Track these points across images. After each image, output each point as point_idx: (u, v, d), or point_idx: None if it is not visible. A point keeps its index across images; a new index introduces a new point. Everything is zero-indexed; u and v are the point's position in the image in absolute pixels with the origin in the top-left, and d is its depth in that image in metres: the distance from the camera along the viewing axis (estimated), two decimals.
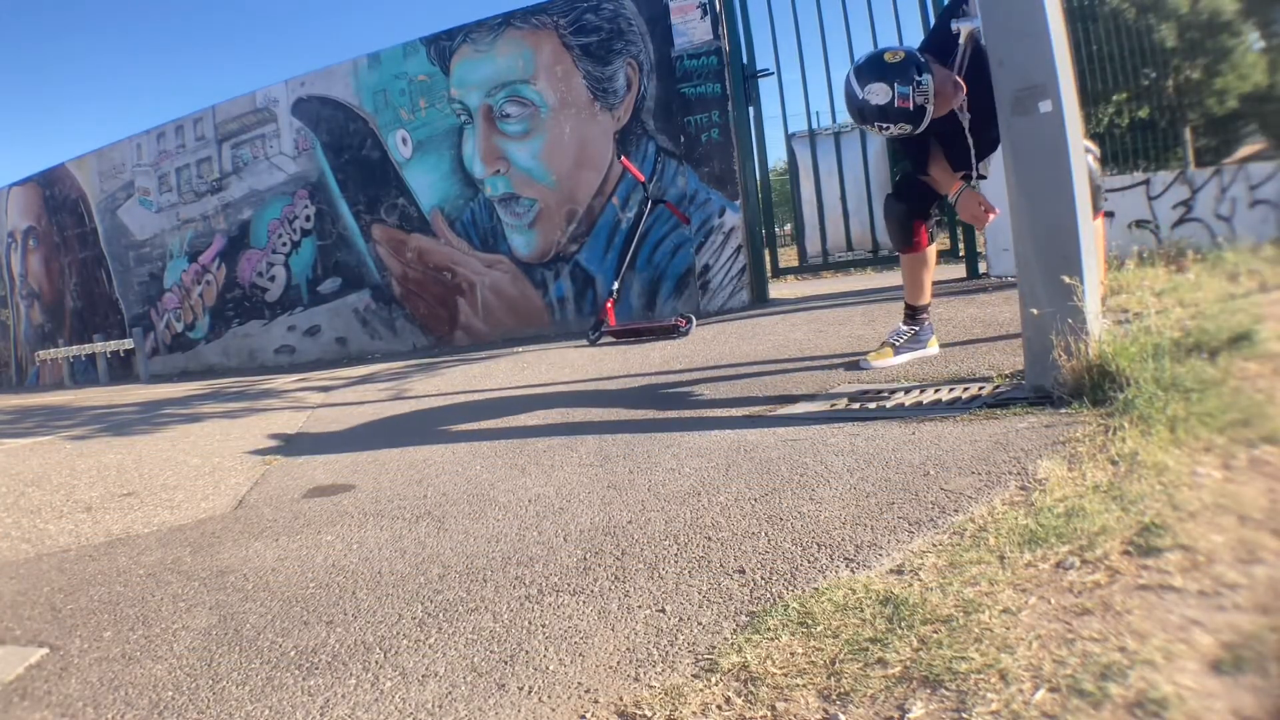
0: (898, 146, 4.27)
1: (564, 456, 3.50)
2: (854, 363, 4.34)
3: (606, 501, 2.84)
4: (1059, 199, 2.97)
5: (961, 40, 3.62)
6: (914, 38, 7.71)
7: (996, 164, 3.79)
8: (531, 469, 3.39)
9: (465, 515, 2.93)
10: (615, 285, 7.33)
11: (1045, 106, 2.96)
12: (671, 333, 6.57)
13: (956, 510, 2.23)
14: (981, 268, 7.23)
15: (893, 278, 7.29)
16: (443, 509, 3.05)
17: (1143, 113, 9.36)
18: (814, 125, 7.99)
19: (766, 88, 7.93)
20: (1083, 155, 3.07)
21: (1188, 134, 10.71)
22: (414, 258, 9.31)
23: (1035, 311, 3.03)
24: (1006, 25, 3.05)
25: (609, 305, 7.11)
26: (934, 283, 4.42)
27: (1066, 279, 2.89)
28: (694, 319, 6.73)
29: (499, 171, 8.68)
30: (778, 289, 8.49)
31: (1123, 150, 8.49)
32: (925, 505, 2.31)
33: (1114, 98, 8.55)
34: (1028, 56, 3.00)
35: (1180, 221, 6.73)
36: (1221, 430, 2.34)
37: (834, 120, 8.15)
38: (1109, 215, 6.69)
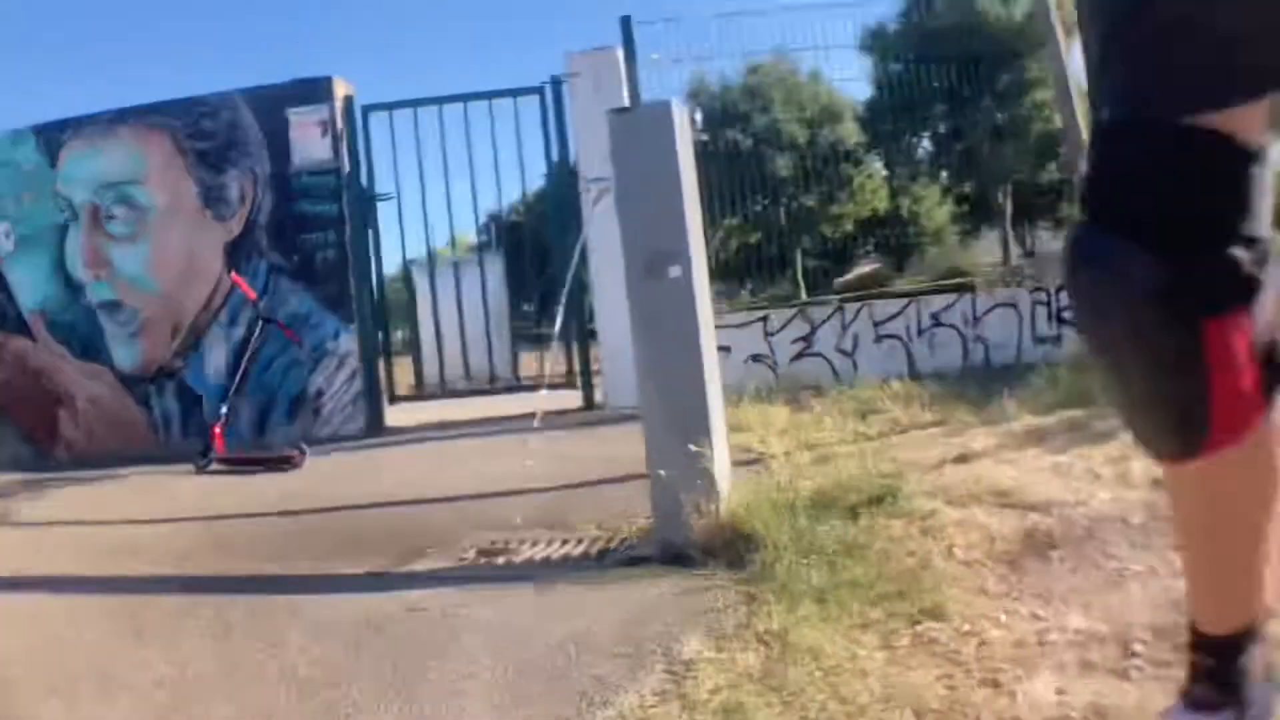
0: None
1: (184, 624, 3.00)
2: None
3: (240, 688, 2.43)
4: (687, 362, 3.02)
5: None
6: (535, 158, 7.97)
7: (622, 321, 3.63)
8: (150, 638, 2.88)
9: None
10: (224, 409, 6.73)
11: (675, 271, 3.02)
12: (285, 463, 6.10)
13: (605, 703, 2.08)
14: (599, 396, 7.36)
15: (509, 407, 7.24)
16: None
17: (753, 239, 10.24)
18: (431, 247, 7.95)
19: (388, 208, 7.81)
20: (710, 319, 3.17)
21: (799, 256, 11.85)
22: (13, 361, 8.06)
23: (663, 473, 3.01)
24: (640, 187, 3.09)
25: (216, 430, 6.49)
26: (548, 414, 4.21)
27: (694, 447, 2.92)
28: (307, 449, 6.27)
29: (100, 276, 7.77)
30: (395, 415, 8.19)
31: (733, 272, 9.03)
32: (572, 697, 2.14)
33: (725, 223, 9.12)
34: (660, 220, 3.05)
35: (800, 356, 7.07)
36: (875, 603, 2.26)
37: (453, 246, 8.14)
38: (723, 350, 7.10)
